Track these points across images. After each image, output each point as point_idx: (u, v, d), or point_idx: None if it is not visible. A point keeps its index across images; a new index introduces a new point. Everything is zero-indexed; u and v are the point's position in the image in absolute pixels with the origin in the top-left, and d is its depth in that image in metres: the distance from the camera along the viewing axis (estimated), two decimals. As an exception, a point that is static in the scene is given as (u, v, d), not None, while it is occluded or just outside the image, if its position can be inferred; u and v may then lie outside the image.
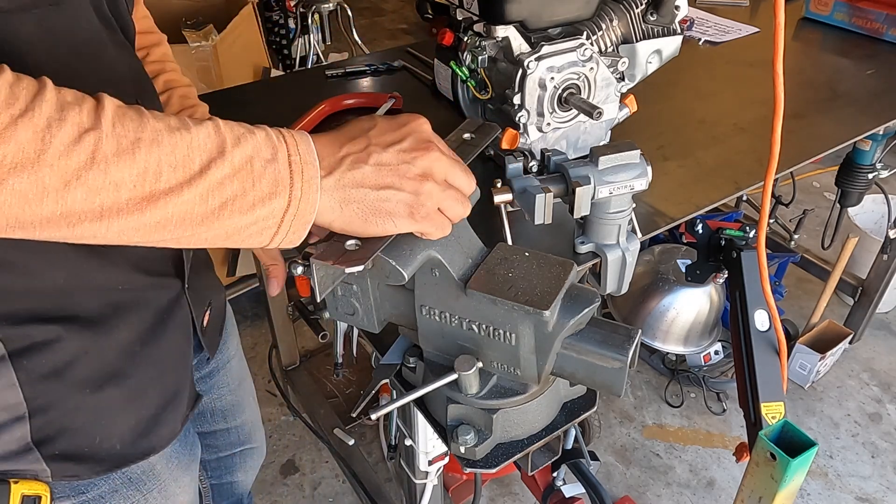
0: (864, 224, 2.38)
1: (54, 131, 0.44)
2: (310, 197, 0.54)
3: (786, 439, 1.03)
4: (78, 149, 0.45)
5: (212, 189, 0.50)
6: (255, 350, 2.34)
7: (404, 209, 0.59)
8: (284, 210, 0.53)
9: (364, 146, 0.58)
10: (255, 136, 0.52)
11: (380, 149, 0.58)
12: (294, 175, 0.53)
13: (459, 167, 0.63)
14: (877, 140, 1.71)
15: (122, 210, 0.48)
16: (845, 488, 1.90)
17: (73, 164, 0.45)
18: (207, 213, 0.51)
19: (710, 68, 1.62)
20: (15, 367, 0.63)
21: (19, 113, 0.43)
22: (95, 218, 0.47)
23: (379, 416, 1.08)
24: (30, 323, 0.63)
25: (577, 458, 1.57)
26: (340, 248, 0.59)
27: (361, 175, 0.57)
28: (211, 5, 2.31)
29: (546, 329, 0.65)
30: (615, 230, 0.93)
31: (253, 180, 0.51)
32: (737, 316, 1.31)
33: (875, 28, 1.74)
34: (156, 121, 0.49)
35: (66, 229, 0.47)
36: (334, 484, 1.92)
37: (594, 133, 1.15)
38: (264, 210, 0.52)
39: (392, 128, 0.60)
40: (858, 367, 2.25)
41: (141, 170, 0.47)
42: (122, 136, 0.47)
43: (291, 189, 0.53)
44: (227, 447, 1.08)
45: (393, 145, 0.59)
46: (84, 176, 0.45)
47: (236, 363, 1.05)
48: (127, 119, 0.48)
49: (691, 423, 2.08)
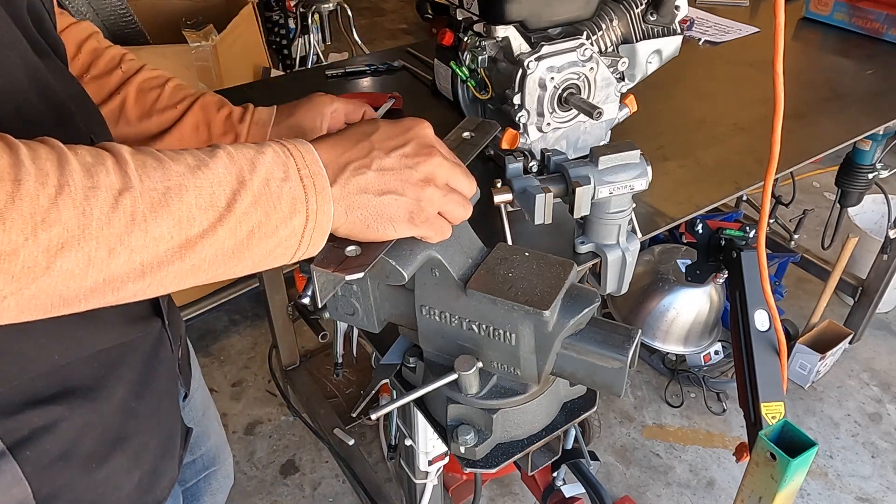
0: (864, 224, 2.38)
1: (92, 202, 0.43)
2: (325, 208, 0.54)
3: (786, 439, 1.03)
4: (118, 214, 0.44)
5: (239, 221, 0.49)
6: (255, 350, 2.34)
7: (405, 214, 0.59)
8: (304, 226, 0.53)
9: (367, 152, 0.58)
10: (265, 156, 0.52)
11: (382, 154, 0.58)
12: (307, 189, 0.53)
13: (461, 171, 0.63)
14: (877, 140, 1.71)
15: (163, 263, 0.47)
16: (845, 488, 1.90)
17: (115, 230, 0.44)
18: (237, 246, 0.50)
19: (710, 68, 1.62)
20: (18, 461, 0.60)
21: (55, 191, 0.41)
22: (138, 277, 0.47)
23: (379, 416, 1.08)
24: (27, 409, 0.60)
25: (577, 458, 1.57)
26: (340, 254, 0.59)
27: (365, 181, 0.56)
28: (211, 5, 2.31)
29: (546, 329, 0.65)
30: (615, 230, 0.93)
31: (273, 203, 0.51)
32: (737, 316, 1.31)
33: (875, 28, 1.74)
34: (174, 163, 0.48)
35: (111, 295, 0.47)
36: (334, 484, 1.92)
37: (594, 133, 1.15)
38: (287, 230, 0.52)
39: (394, 132, 0.60)
40: (858, 367, 2.25)
41: (176, 220, 0.46)
42: (153, 190, 0.45)
43: (307, 204, 0.53)
44: (191, 477, 1.05)
45: (395, 150, 0.59)
46: (126, 240, 0.44)
47: (199, 394, 1.02)
48: (150, 169, 0.46)
49: (691, 423, 2.08)
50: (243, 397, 2.18)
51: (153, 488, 0.74)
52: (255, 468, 1.97)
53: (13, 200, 0.40)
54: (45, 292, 0.43)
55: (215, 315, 2.46)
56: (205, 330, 2.40)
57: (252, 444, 2.03)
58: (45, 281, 0.42)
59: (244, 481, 1.92)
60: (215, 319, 2.45)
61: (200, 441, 1.04)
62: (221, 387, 2.21)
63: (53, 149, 0.43)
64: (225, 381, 2.23)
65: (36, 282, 0.42)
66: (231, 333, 2.42)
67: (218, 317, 2.46)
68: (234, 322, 2.46)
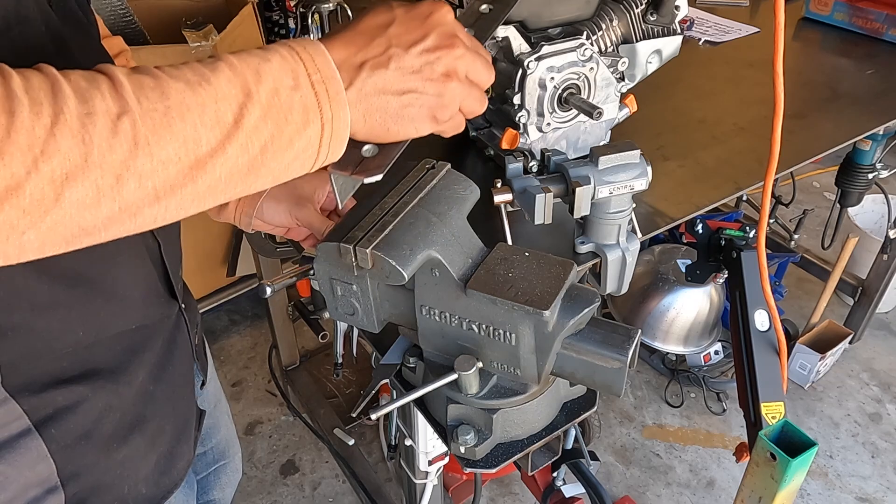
0: (864, 224, 2.38)
1: (90, 129, 0.41)
2: (340, 114, 0.51)
3: (786, 439, 1.03)
4: (119, 140, 0.42)
5: (250, 136, 0.47)
6: (255, 350, 2.34)
7: (427, 113, 0.56)
8: (320, 135, 0.51)
9: (384, 48, 0.53)
10: (271, 64, 0.48)
11: (401, 50, 0.54)
12: (320, 96, 0.50)
13: (481, 61, 0.59)
14: (877, 140, 1.71)
15: (175, 186, 0.45)
16: (845, 488, 1.90)
17: (119, 156, 0.42)
18: (251, 162, 0.48)
19: (710, 68, 1.62)
20: (44, 438, 0.61)
21: (51, 121, 0.40)
22: (153, 202, 0.45)
23: (379, 416, 1.08)
24: (52, 388, 0.61)
25: (577, 458, 1.57)
26: (357, 155, 0.57)
27: (383, 81, 0.53)
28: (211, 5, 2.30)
29: (546, 329, 0.65)
30: (615, 230, 0.93)
31: (284, 115, 0.48)
32: (737, 316, 1.31)
33: (875, 28, 1.74)
34: (174, 81, 0.45)
35: (130, 222, 0.46)
36: (334, 484, 1.92)
37: (594, 133, 1.15)
38: (302, 141, 0.50)
39: (414, 24, 0.55)
40: (858, 367, 2.25)
41: (181, 140, 0.44)
42: (152, 111, 0.44)
43: (321, 112, 0.50)
44: (202, 469, 1.06)
45: (415, 45, 0.54)
46: (132, 165, 0.43)
47: (212, 386, 1.03)
48: (147, 89, 0.44)
49: (691, 423, 2.08)
50: (243, 397, 2.18)
51: (170, 470, 0.76)
52: (255, 468, 1.97)
53: (9, 134, 0.39)
54: (62, 224, 0.42)
55: (215, 315, 2.46)
56: (205, 330, 2.38)
57: (252, 444, 2.03)
58: (59, 213, 0.42)
59: (244, 481, 1.92)
60: (215, 319, 2.45)
61: (211, 433, 1.05)
62: (221, 387, 2.21)
63: (47, 76, 0.42)
64: (225, 381, 2.23)
65: (49, 214, 0.41)
66: (231, 333, 2.42)
67: (218, 317, 2.46)
68: (234, 322, 2.46)
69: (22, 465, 0.60)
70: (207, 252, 2.18)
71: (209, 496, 1.10)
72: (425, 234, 0.65)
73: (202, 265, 2.19)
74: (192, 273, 2.14)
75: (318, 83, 0.49)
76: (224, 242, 2.21)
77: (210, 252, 2.19)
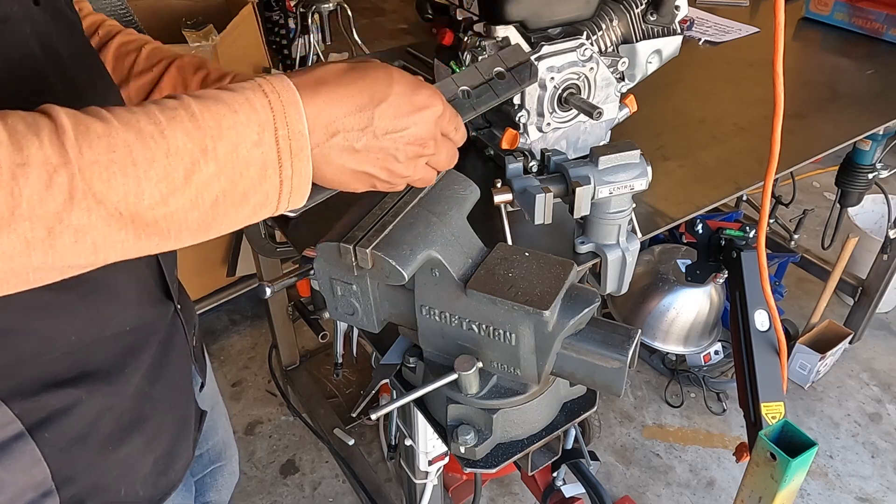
0: (864, 224, 2.38)
1: (21, 181, 0.39)
2: (302, 171, 0.50)
3: (786, 439, 1.03)
4: (53, 193, 0.40)
5: (200, 192, 0.45)
6: (255, 350, 2.34)
7: (384, 185, 0.58)
8: (279, 191, 0.50)
9: (364, 125, 0.53)
10: (238, 117, 0.46)
11: (380, 133, 0.54)
12: (282, 153, 0.48)
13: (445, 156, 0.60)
14: (877, 140, 1.71)
15: (117, 241, 0.44)
16: (845, 488, 1.90)
17: (51, 209, 0.40)
18: (201, 217, 0.47)
19: (710, 68, 1.62)
20: (38, 442, 0.60)
21: None
22: (91, 254, 0.43)
23: (379, 416, 1.08)
24: (46, 391, 0.60)
25: (577, 458, 1.57)
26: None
27: (348, 156, 0.53)
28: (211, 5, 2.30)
29: (546, 329, 0.65)
30: (615, 230, 0.93)
31: (241, 171, 0.47)
32: (737, 316, 1.31)
33: (875, 28, 1.74)
34: (124, 130, 0.42)
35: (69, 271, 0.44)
36: (334, 484, 1.92)
37: (594, 133, 1.15)
38: (258, 196, 0.49)
39: (404, 109, 0.55)
40: (858, 367, 2.25)
41: (121, 195, 0.42)
42: (94, 163, 0.41)
43: (281, 169, 0.48)
44: (198, 470, 1.05)
45: (394, 132, 0.55)
46: (67, 218, 0.41)
47: (210, 388, 1.02)
48: (92, 136, 0.41)
49: (691, 423, 2.08)
50: (243, 397, 2.18)
51: (168, 471, 0.75)
52: (255, 468, 1.97)
53: None
54: None
55: (215, 315, 2.45)
56: (205, 330, 2.40)
57: (252, 444, 2.03)
58: None
59: (244, 481, 1.92)
60: (215, 319, 2.45)
61: (208, 435, 1.05)
62: (221, 387, 2.21)
63: None
64: (225, 381, 2.23)
65: None
66: (231, 333, 2.42)
67: (218, 317, 2.46)
68: (234, 322, 2.46)
69: (16, 469, 0.60)
70: (207, 252, 2.18)
71: (206, 498, 1.10)
72: (425, 234, 0.65)
73: (202, 265, 2.19)
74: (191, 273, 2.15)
75: (283, 139, 0.48)
76: (224, 242, 2.21)
77: (210, 252, 2.20)
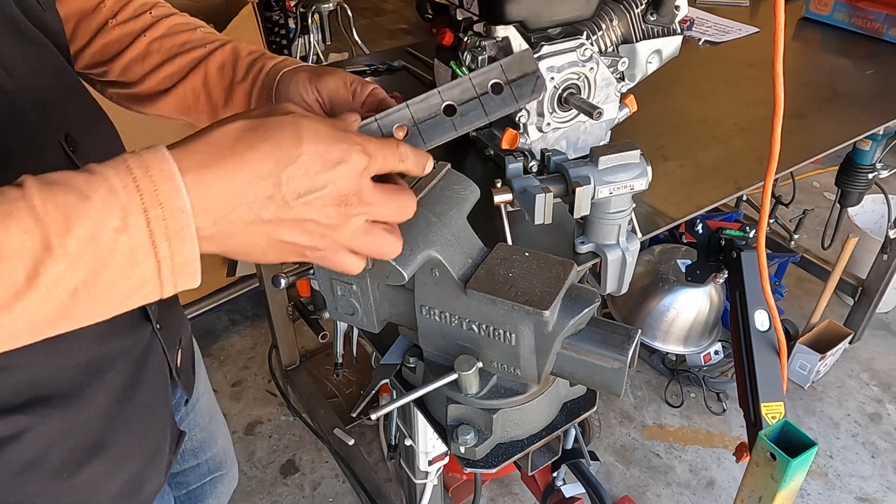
0: (864, 224, 2.38)
1: None
2: (183, 249, 0.44)
3: (786, 439, 1.03)
4: None
5: (50, 290, 0.40)
6: (255, 350, 2.34)
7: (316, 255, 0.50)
8: (157, 272, 0.43)
9: (269, 194, 0.45)
10: (92, 204, 0.40)
11: (289, 198, 0.46)
12: (156, 234, 0.42)
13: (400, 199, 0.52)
14: (877, 140, 1.71)
15: None
16: (845, 488, 1.90)
17: None
18: (59, 308, 0.41)
19: (710, 68, 1.62)
20: None
21: None
22: None
23: (379, 416, 1.08)
24: None
25: (577, 458, 1.57)
26: None
27: (257, 228, 0.46)
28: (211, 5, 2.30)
29: (546, 329, 0.65)
30: (615, 230, 0.93)
31: (103, 260, 0.41)
32: (737, 316, 1.31)
33: (875, 28, 1.74)
34: None
35: None
36: (334, 484, 1.92)
37: (594, 133, 1.15)
38: (132, 280, 0.43)
39: (316, 167, 0.46)
40: (858, 367, 2.25)
41: None
42: None
43: (156, 250, 0.42)
44: (196, 480, 1.04)
45: (308, 195, 0.46)
46: None
47: (206, 399, 0.99)
48: None
49: (691, 423, 2.08)
50: (243, 397, 2.18)
51: (135, 494, 0.72)
52: (255, 468, 1.97)
53: None
54: None
55: (215, 315, 2.46)
56: (205, 330, 2.40)
57: (252, 444, 2.03)
58: None
59: (244, 481, 1.92)
60: (215, 319, 2.45)
61: (206, 446, 1.03)
62: (221, 387, 2.21)
63: None
64: (225, 381, 2.23)
65: None
66: (231, 333, 2.42)
67: (218, 317, 2.46)
68: (234, 322, 2.46)
69: None
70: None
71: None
72: (425, 234, 0.65)
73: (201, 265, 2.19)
74: (192, 273, 2.14)
75: (155, 220, 0.42)
76: (224, 242, 2.21)
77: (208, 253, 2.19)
